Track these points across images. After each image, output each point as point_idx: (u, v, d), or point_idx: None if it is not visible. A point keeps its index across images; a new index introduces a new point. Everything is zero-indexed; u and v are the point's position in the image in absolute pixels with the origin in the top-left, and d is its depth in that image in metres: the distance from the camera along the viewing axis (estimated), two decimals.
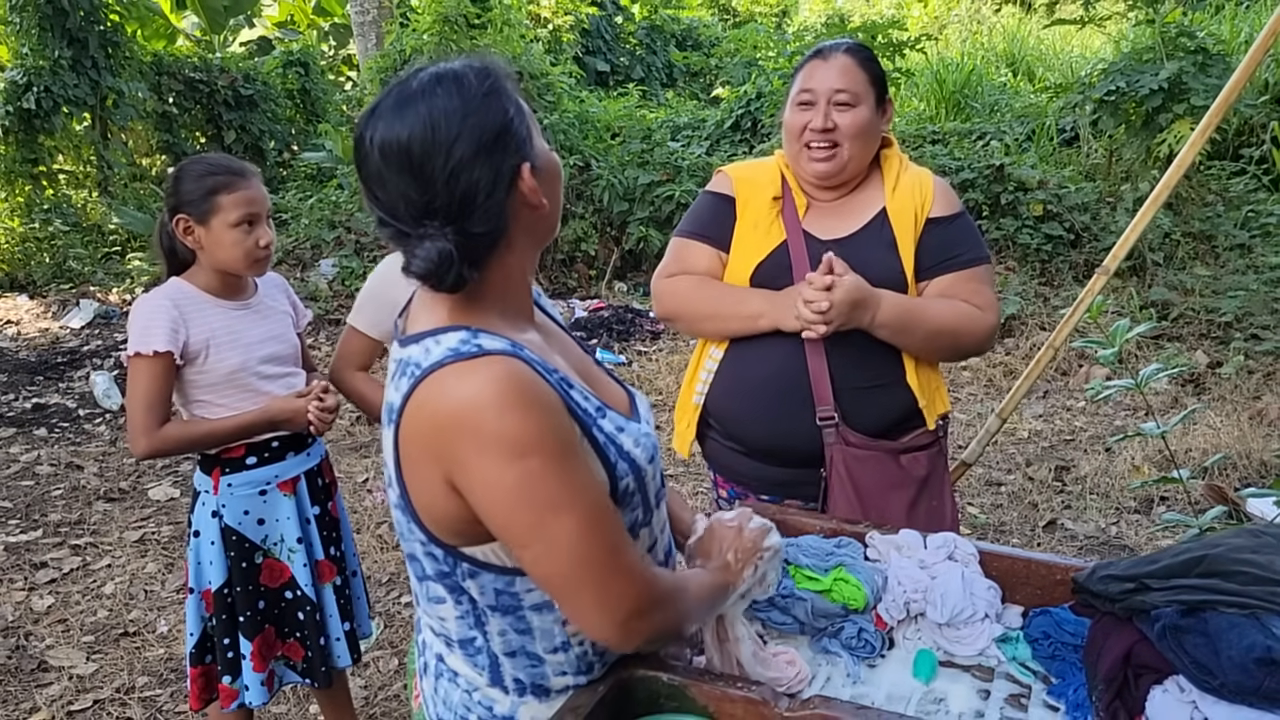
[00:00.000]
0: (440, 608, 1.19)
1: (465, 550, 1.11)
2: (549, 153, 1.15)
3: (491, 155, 1.05)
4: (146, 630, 3.31)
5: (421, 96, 1.05)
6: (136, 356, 2.04)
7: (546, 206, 1.12)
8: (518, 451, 0.99)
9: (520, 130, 1.08)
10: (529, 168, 1.08)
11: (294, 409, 2.15)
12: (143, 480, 4.62)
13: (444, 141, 1.03)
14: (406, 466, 1.08)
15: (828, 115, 1.86)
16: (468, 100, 1.05)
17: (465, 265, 1.06)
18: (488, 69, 1.10)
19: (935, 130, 8.54)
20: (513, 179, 1.07)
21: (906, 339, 1.88)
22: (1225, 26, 9.18)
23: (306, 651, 2.27)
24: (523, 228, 1.12)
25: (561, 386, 1.09)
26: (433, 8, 8.55)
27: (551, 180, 1.14)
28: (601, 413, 1.15)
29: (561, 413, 1.06)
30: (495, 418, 0.99)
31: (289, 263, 7.77)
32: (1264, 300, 5.89)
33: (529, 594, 1.14)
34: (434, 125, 1.03)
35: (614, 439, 1.13)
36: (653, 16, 16.99)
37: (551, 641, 1.18)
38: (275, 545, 2.22)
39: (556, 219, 1.18)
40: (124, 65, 9.83)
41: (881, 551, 1.61)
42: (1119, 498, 4.00)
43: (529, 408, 1.00)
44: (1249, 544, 1.35)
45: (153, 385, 2.04)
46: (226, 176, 2.06)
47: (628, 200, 8.05)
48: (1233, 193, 7.36)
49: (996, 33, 14.96)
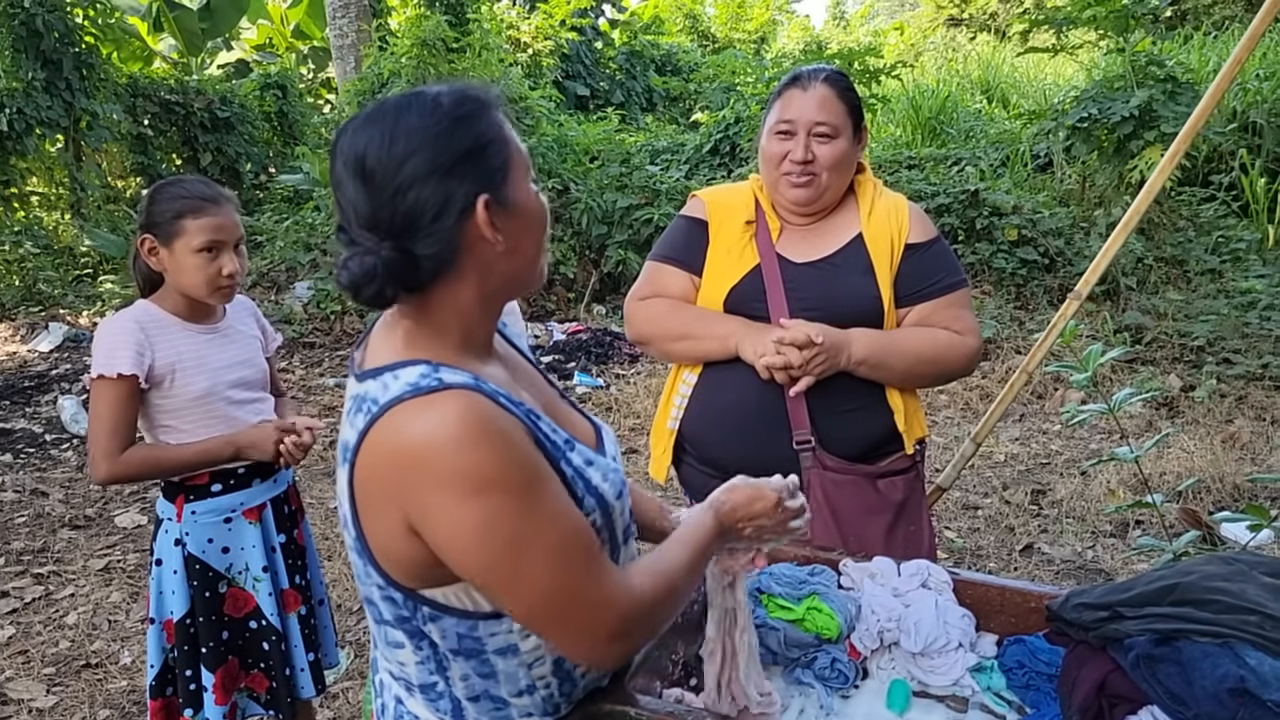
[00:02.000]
0: (399, 652, 1.16)
1: (425, 593, 1.08)
2: (531, 197, 1.10)
3: (446, 179, 1.02)
4: (109, 661, 3.23)
5: (392, 112, 1.05)
6: (100, 379, 1.99)
7: (502, 245, 1.06)
8: (478, 488, 0.96)
9: (489, 161, 1.05)
10: (487, 200, 1.04)
11: (263, 438, 2.09)
12: (109, 507, 4.54)
13: (398, 156, 1.02)
14: (363, 508, 1.05)
15: (808, 147, 1.87)
16: (434, 121, 1.04)
17: (392, 284, 1.02)
18: (470, 96, 1.07)
19: (911, 156, 8.64)
20: (467, 207, 1.03)
21: (886, 373, 1.88)
22: (1194, 55, 9.36)
23: (271, 682, 2.21)
24: (477, 261, 1.06)
25: (529, 419, 1.07)
26: (411, 31, 8.57)
27: (523, 224, 1.09)
28: (570, 445, 1.12)
29: (526, 445, 1.02)
30: (454, 454, 0.96)
31: (264, 285, 7.72)
32: (1235, 324, 5.95)
33: (492, 638, 1.11)
34: (392, 139, 1.02)
35: (582, 473, 1.11)
36: (632, 42, 17.14)
37: (516, 685, 1.15)
38: (240, 574, 2.17)
39: (527, 268, 1.12)
40: (99, 87, 9.77)
41: (855, 579, 1.59)
42: (1095, 521, 4.00)
43: (490, 442, 0.97)
44: (1221, 572, 1.35)
45: (116, 408, 2.00)
46: (196, 201, 2.03)
47: (606, 223, 8.06)
48: (1203, 218, 7.47)
49: (971, 60, 15.19)
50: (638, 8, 19.75)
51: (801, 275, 1.91)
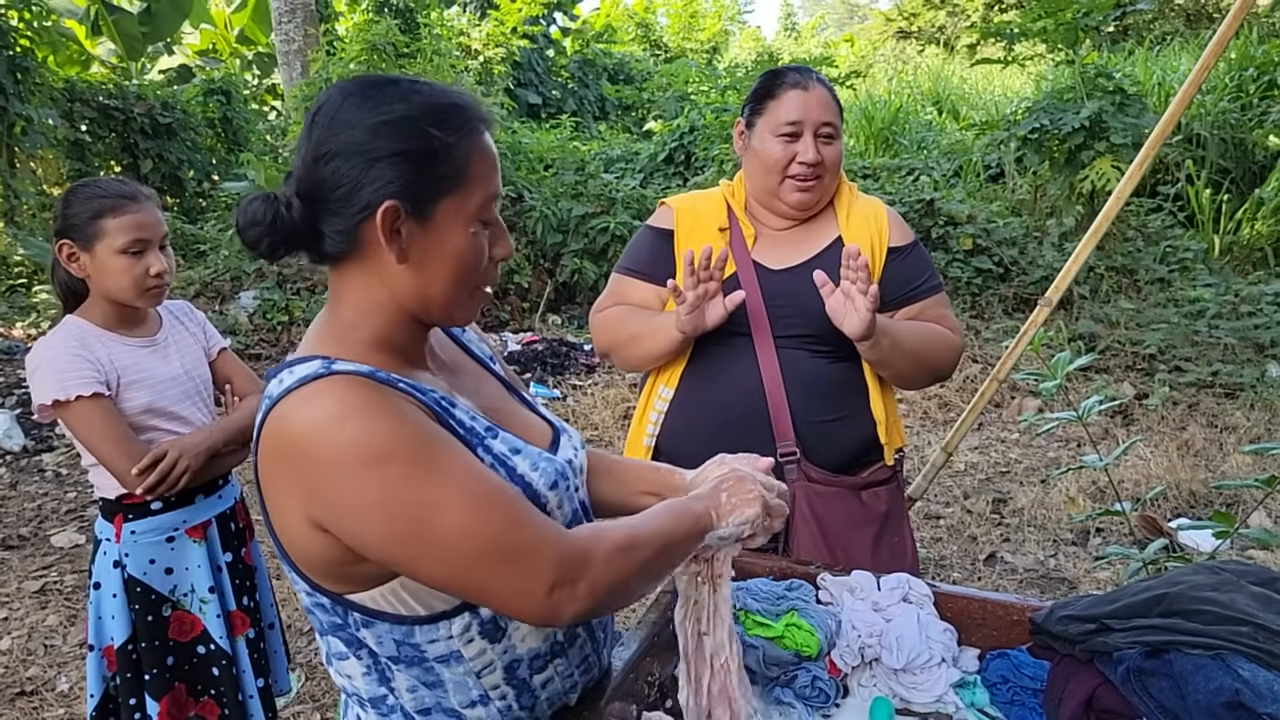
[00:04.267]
0: (345, 664, 1.10)
1: (353, 598, 1.03)
2: (459, 233, 1.04)
3: (367, 167, 1.00)
4: (45, 689, 3.08)
5: (380, 84, 1.04)
6: (75, 402, 1.88)
7: (403, 258, 1.02)
8: (370, 461, 0.91)
9: (422, 172, 1.01)
10: (393, 207, 0.99)
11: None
12: (45, 526, 4.36)
13: (340, 124, 1.01)
14: (271, 509, 1.01)
15: (816, 148, 1.84)
16: (394, 109, 1.01)
17: (280, 240, 1.02)
18: (451, 106, 1.04)
19: (866, 165, 8.70)
20: (372, 204, 1.00)
21: (896, 355, 1.83)
22: (1139, 69, 9.55)
23: (222, 710, 2.11)
24: (380, 264, 1.03)
25: (438, 405, 1.04)
26: (360, 36, 8.45)
27: (435, 251, 1.03)
28: (492, 433, 1.08)
29: (421, 417, 0.98)
30: (339, 432, 0.92)
31: (207, 295, 7.54)
32: (1185, 333, 6.07)
33: (432, 645, 1.05)
34: (352, 106, 1.02)
35: (505, 460, 1.07)
36: (585, 50, 17.13)
37: (467, 695, 1.09)
38: (185, 596, 2.07)
39: (435, 295, 1.06)
40: (34, 91, 9.47)
41: (834, 594, 1.55)
42: (1056, 530, 4.02)
43: (375, 413, 0.93)
44: (1209, 581, 1.32)
45: (108, 420, 1.91)
46: (115, 199, 1.93)
47: (561, 232, 8.00)
48: (1151, 229, 7.62)
49: (921, 72, 15.39)
50: (590, 16, 19.76)
51: (779, 282, 1.87)
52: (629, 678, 1.28)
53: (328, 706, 2.94)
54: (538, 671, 1.13)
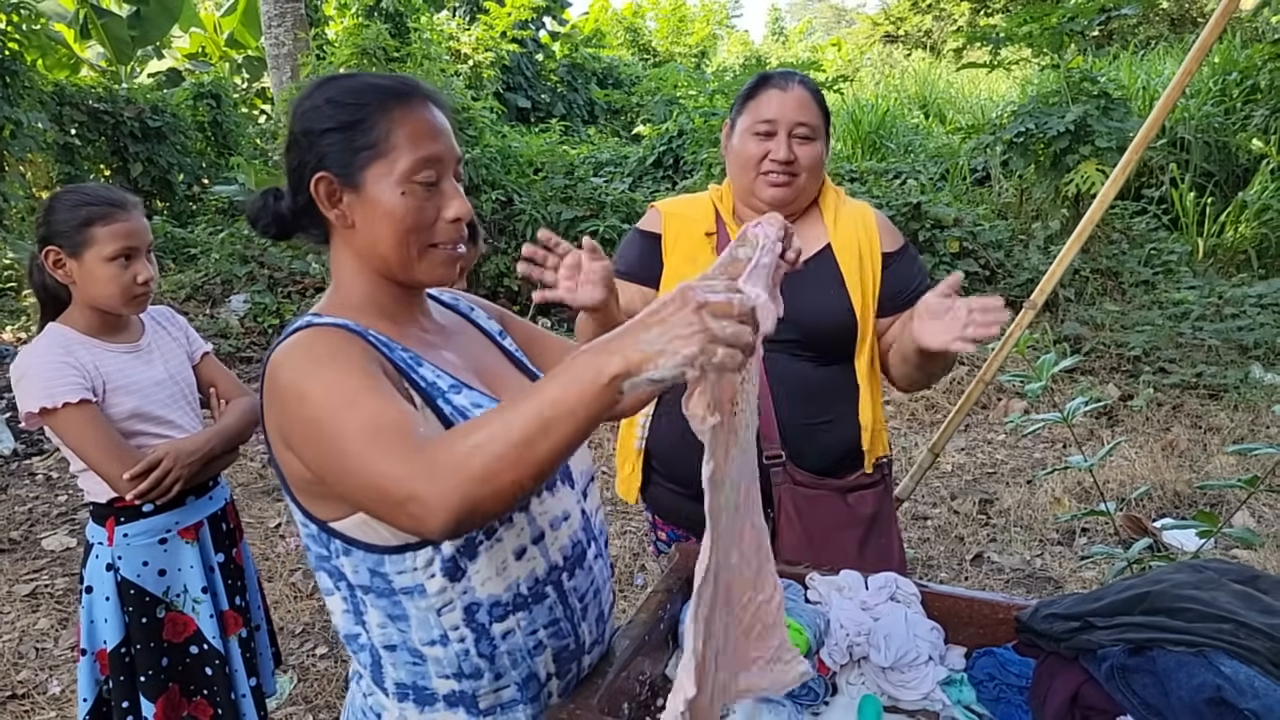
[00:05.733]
0: (331, 599, 1.21)
1: (335, 526, 1.13)
2: (388, 194, 1.14)
3: (306, 147, 1.16)
4: (37, 692, 3.08)
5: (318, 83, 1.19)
6: (62, 409, 1.89)
7: (349, 222, 1.17)
8: (309, 387, 1.04)
9: (344, 143, 1.14)
10: (323, 177, 1.14)
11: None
12: (36, 529, 4.35)
13: (291, 115, 1.19)
14: (269, 438, 1.14)
15: (790, 147, 1.86)
16: (325, 94, 1.16)
17: (272, 222, 1.21)
18: (374, 85, 1.16)
19: (853, 169, 8.73)
20: (307, 178, 1.15)
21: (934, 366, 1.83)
22: (1124, 73, 9.61)
23: (215, 709, 2.11)
24: (344, 235, 1.19)
25: (404, 363, 1.14)
26: (350, 40, 8.44)
27: (372, 214, 1.15)
28: (456, 389, 1.16)
29: (366, 359, 1.08)
30: (294, 364, 1.07)
31: (198, 299, 7.51)
32: (1169, 335, 6.11)
33: (399, 575, 1.13)
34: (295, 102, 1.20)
35: (465, 411, 1.13)
36: (573, 55, 17.14)
37: (429, 633, 1.15)
38: (178, 597, 2.08)
39: (389, 254, 1.17)
40: (23, 95, 9.42)
41: (822, 593, 1.56)
42: (1041, 530, 4.05)
43: (325, 351, 1.07)
44: (1191, 579, 1.34)
45: (96, 426, 1.91)
46: (104, 207, 1.94)
47: None
48: (1135, 231, 7.67)
49: (908, 76, 15.44)
50: (578, 21, 19.79)
51: None
52: (621, 676, 1.30)
53: (320, 708, 2.94)
54: (498, 620, 1.16)
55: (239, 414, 2.15)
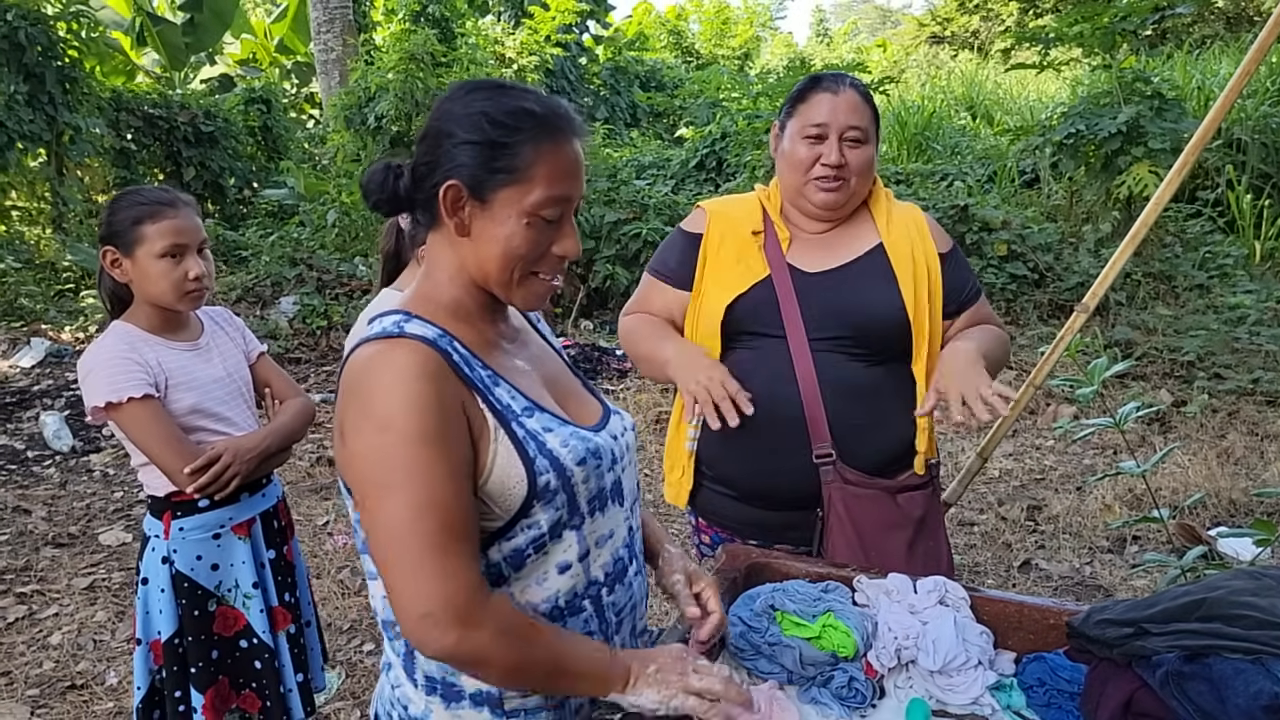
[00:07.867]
0: (374, 584, 1.21)
1: None
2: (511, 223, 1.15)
3: (445, 148, 1.15)
4: (95, 682, 3.15)
5: (476, 88, 1.19)
6: (126, 404, 1.94)
7: (463, 232, 1.16)
8: (380, 425, 1.06)
9: (485, 161, 1.13)
10: (454, 185, 1.14)
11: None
12: (93, 525, 4.45)
13: (438, 112, 1.17)
14: (338, 429, 1.15)
15: (841, 151, 1.85)
16: (482, 104, 1.15)
17: (384, 200, 1.21)
18: (529, 112, 1.15)
19: (899, 171, 8.66)
20: (440, 181, 1.15)
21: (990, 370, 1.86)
22: (1178, 72, 9.43)
23: (264, 702, 2.15)
24: (452, 235, 1.18)
25: (483, 383, 1.15)
26: (398, 45, 8.54)
27: (489, 233, 1.15)
28: (529, 412, 1.18)
29: (448, 405, 1.09)
30: (373, 390, 1.07)
31: (249, 300, 7.65)
32: (1225, 340, 5.97)
33: None
34: (448, 97, 1.19)
35: (536, 435, 1.16)
36: (617, 58, 17.19)
37: None
38: (229, 591, 2.12)
39: (491, 270, 1.18)
40: (81, 101, 9.68)
41: (870, 597, 1.55)
42: (1091, 537, 3.98)
43: (409, 387, 1.07)
44: (1249, 586, 1.32)
45: (159, 420, 1.96)
46: (153, 206, 1.99)
47: (594, 238, 8.04)
48: (1190, 234, 7.52)
49: (955, 77, 15.27)
50: (622, 24, 19.84)
51: (815, 285, 1.88)
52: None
53: (367, 704, 2.97)
54: None
55: (294, 414, 2.19)
